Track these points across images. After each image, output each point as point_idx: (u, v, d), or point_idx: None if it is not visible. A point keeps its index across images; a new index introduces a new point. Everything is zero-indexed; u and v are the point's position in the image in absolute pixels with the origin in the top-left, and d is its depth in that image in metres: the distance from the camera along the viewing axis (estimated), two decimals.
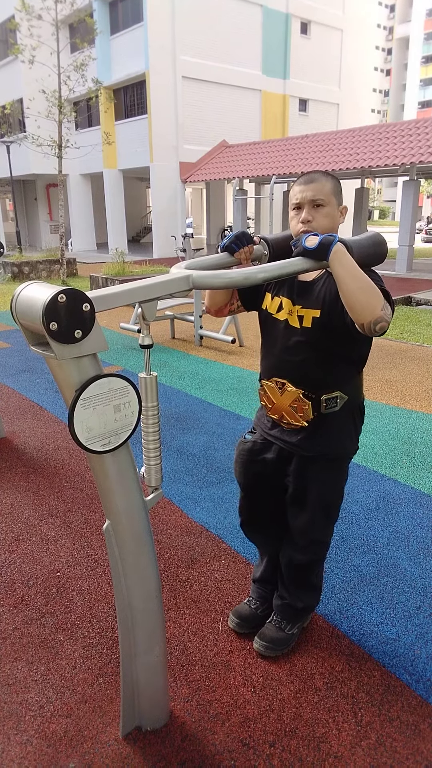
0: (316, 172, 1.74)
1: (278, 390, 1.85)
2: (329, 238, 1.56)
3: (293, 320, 1.79)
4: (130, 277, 10.20)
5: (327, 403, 1.79)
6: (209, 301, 1.91)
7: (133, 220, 26.61)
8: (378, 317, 1.53)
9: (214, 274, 1.50)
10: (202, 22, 18.94)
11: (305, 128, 22.31)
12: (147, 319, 1.45)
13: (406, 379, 5.34)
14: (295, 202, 1.74)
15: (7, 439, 4.09)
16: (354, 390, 1.85)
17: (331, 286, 1.71)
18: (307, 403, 1.79)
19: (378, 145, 14.93)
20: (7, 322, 8.60)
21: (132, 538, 1.54)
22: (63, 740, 1.72)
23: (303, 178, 1.74)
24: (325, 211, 1.71)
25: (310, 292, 1.77)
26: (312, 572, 2.03)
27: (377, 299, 1.54)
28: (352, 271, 1.54)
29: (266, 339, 1.92)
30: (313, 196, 1.70)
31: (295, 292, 1.79)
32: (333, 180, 1.74)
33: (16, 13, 13.88)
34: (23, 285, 1.32)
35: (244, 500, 2.08)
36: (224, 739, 1.71)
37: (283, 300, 1.82)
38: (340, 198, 1.76)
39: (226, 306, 1.93)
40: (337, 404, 1.81)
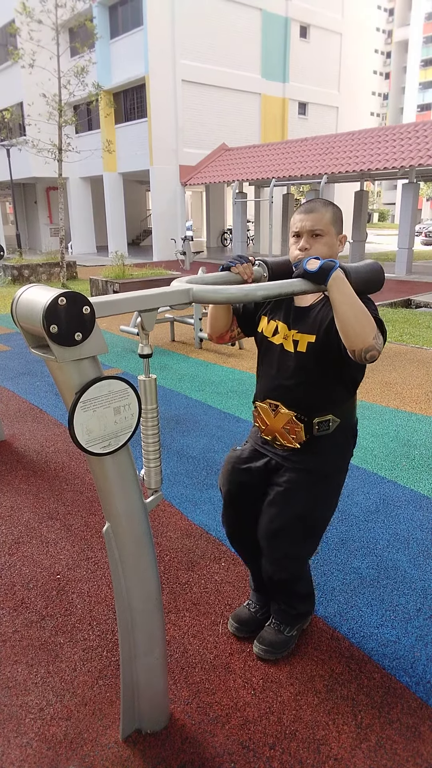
0: (317, 201, 1.77)
1: (272, 412, 1.88)
2: (330, 264, 1.58)
3: (288, 344, 1.82)
4: (129, 280, 10.20)
5: (320, 426, 1.82)
6: (210, 327, 1.95)
7: (133, 223, 26.66)
8: (369, 346, 1.56)
9: (214, 289, 1.52)
10: (202, 25, 19.00)
11: (305, 131, 22.37)
12: (146, 329, 1.46)
13: (406, 382, 5.35)
14: (294, 230, 1.78)
15: (8, 442, 4.09)
16: (347, 413, 1.88)
17: (327, 312, 1.75)
18: (300, 425, 1.82)
19: (377, 148, 14.96)
20: (8, 325, 8.61)
21: (132, 540, 1.54)
22: (63, 743, 1.72)
23: (303, 206, 1.78)
24: (323, 241, 1.75)
25: (306, 317, 1.80)
26: (295, 585, 1.99)
27: (371, 328, 1.57)
28: (350, 298, 1.57)
29: (262, 361, 1.95)
30: (312, 226, 1.74)
31: (291, 317, 1.83)
32: (333, 209, 1.77)
33: (16, 17, 13.93)
34: (23, 288, 1.32)
35: (226, 510, 2.03)
36: (224, 741, 1.71)
37: (278, 324, 1.86)
38: (339, 227, 1.79)
39: (227, 332, 1.96)
40: (329, 427, 1.83)
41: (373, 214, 49.27)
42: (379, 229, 41.48)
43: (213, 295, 1.51)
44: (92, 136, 20.78)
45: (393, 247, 20.78)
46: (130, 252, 21.51)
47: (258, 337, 1.95)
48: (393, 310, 9.45)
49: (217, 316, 1.90)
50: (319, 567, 2.55)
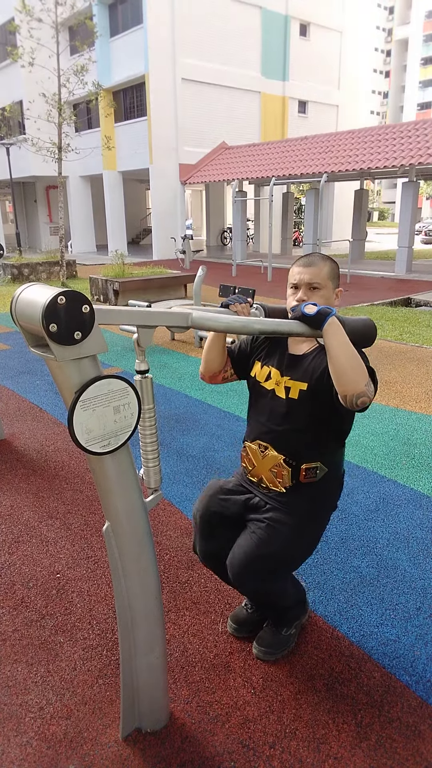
0: (316, 256, 1.81)
1: (260, 453, 1.90)
2: (327, 310, 1.64)
3: (280, 391, 1.85)
4: (129, 278, 10.19)
5: (306, 473, 1.83)
6: (204, 367, 1.97)
7: (133, 222, 26.64)
8: (361, 392, 1.59)
9: (213, 317, 1.54)
10: (202, 24, 18.98)
11: (305, 130, 22.35)
12: (141, 345, 1.47)
13: (406, 381, 5.35)
14: (293, 282, 1.82)
15: (7, 440, 4.09)
16: (334, 463, 1.90)
17: (320, 361, 1.78)
18: (287, 469, 1.84)
19: (377, 147, 14.95)
20: (7, 323, 8.61)
21: (132, 539, 1.54)
22: (63, 742, 1.72)
23: (303, 259, 1.82)
24: (320, 294, 1.78)
25: (299, 365, 1.84)
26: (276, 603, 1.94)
27: (363, 375, 1.60)
28: (344, 344, 1.61)
29: (253, 404, 1.97)
30: (309, 280, 1.78)
31: (285, 364, 1.87)
32: (331, 264, 1.82)
33: (16, 15, 13.91)
34: (23, 287, 1.32)
35: (198, 538, 1.99)
36: (224, 740, 1.71)
37: (271, 370, 1.89)
38: (336, 282, 1.84)
39: (220, 373, 1.98)
40: (316, 475, 1.85)
41: (373, 213, 49.25)
42: (379, 227, 41.46)
43: (212, 323, 1.54)
44: (92, 134, 20.76)
45: (393, 245, 20.78)
46: (130, 251, 21.50)
47: (250, 381, 1.98)
48: (393, 309, 9.45)
49: (212, 355, 1.93)
50: (318, 566, 2.55)
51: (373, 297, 10.78)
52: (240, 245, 17.75)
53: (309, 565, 2.54)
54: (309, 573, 2.49)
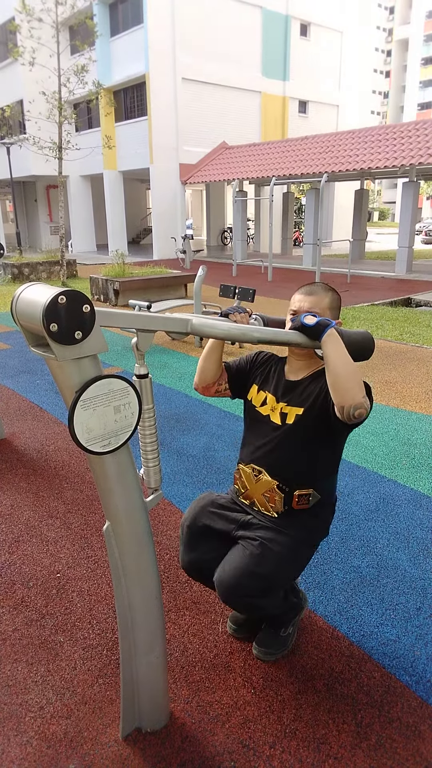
0: (318, 286, 1.83)
1: (254, 477, 1.90)
2: (326, 321, 1.66)
3: (275, 417, 1.87)
4: (130, 278, 10.19)
5: (299, 499, 1.84)
6: (198, 376, 1.96)
7: (133, 222, 26.64)
8: (359, 403, 1.60)
9: (213, 324, 1.55)
10: (202, 23, 18.97)
11: (305, 130, 22.34)
12: (141, 349, 1.48)
13: (406, 381, 5.35)
14: (293, 309, 1.84)
15: (8, 440, 4.09)
16: (327, 490, 1.91)
17: (316, 386, 1.81)
18: (280, 495, 1.85)
19: (378, 147, 14.95)
20: (8, 323, 8.61)
21: (132, 539, 1.54)
22: (63, 741, 1.72)
23: (305, 288, 1.83)
24: None
25: (295, 390, 1.86)
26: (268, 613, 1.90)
27: (360, 387, 1.62)
28: (342, 355, 1.63)
29: (248, 428, 1.98)
30: (309, 308, 1.80)
31: (281, 390, 1.88)
32: (332, 295, 1.84)
33: (16, 15, 13.90)
34: (23, 286, 1.32)
35: (184, 549, 1.96)
36: (224, 740, 1.71)
37: (268, 396, 1.91)
38: (336, 312, 1.85)
39: (213, 385, 1.98)
40: (308, 502, 1.86)
41: (373, 213, 49.23)
42: (380, 227, 41.45)
43: (211, 330, 1.55)
44: (92, 134, 20.75)
45: (393, 245, 20.77)
46: (130, 250, 21.50)
47: (246, 405, 1.99)
48: (393, 309, 9.45)
49: (208, 364, 1.93)
50: (318, 565, 2.55)
51: (374, 297, 10.78)
52: (240, 245, 17.75)
53: (309, 565, 2.54)
54: (309, 573, 2.49)
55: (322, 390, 1.77)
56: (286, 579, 1.86)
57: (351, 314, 8.88)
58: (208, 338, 1.76)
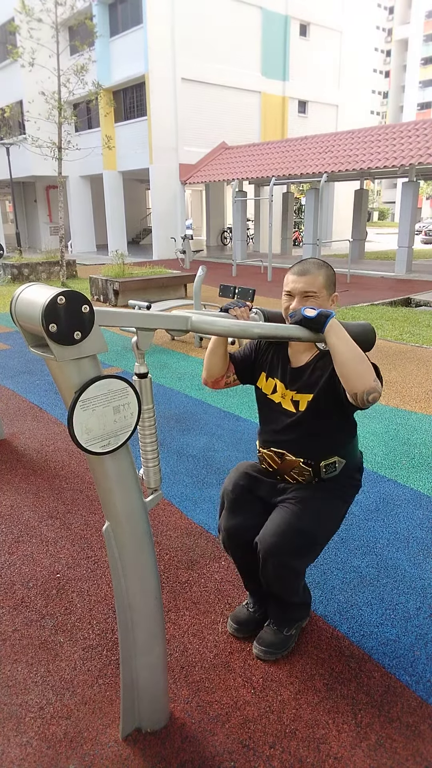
0: (311, 263, 1.80)
1: (278, 459, 1.95)
2: (327, 312, 1.65)
3: (287, 403, 1.90)
4: (129, 278, 10.19)
5: (327, 469, 1.90)
6: (206, 372, 1.98)
7: (133, 222, 26.64)
8: (371, 387, 1.61)
9: (212, 320, 1.55)
10: (202, 24, 18.97)
11: (305, 130, 22.35)
12: (141, 348, 1.48)
13: (406, 381, 5.35)
14: (287, 290, 1.82)
15: (7, 440, 4.09)
16: (351, 453, 1.96)
17: (323, 369, 1.82)
18: (308, 470, 1.90)
19: (377, 147, 14.95)
20: (7, 323, 8.61)
21: (132, 539, 1.54)
22: (63, 742, 1.72)
23: (297, 267, 1.81)
24: (315, 302, 1.79)
25: (302, 377, 1.88)
26: (290, 596, 1.95)
27: (370, 370, 1.62)
28: (348, 343, 1.63)
29: (262, 415, 2.01)
30: (303, 289, 1.78)
31: (288, 378, 1.90)
32: (326, 272, 1.81)
33: (16, 16, 13.90)
34: (23, 287, 1.32)
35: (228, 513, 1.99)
36: (224, 740, 1.71)
37: (276, 383, 1.93)
38: (332, 289, 1.84)
39: (222, 378, 1.99)
40: (336, 469, 1.92)
41: (373, 213, 49.23)
42: (379, 227, 41.45)
43: (211, 327, 1.54)
44: (92, 134, 20.76)
45: (393, 245, 20.78)
46: (130, 251, 21.50)
47: (257, 391, 2.02)
48: (393, 309, 9.45)
49: (214, 360, 1.94)
50: (318, 566, 2.55)
51: (373, 297, 10.78)
52: (240, 245, 17.75)
53: (309, 565, 2.54)
54: (309, 573, 2.49)
55: (330, 373, 1.78)
56: (324, 534, 1.90)
57: (351, 314, 8.88)
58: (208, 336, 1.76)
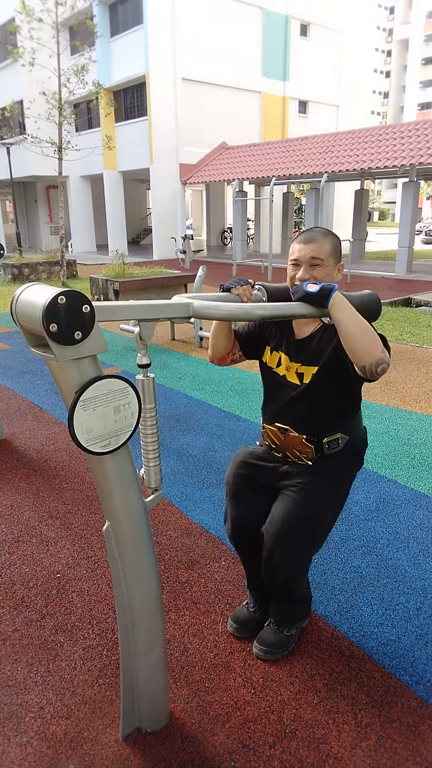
0: (317, 231, 1.79)
1: (281, 434, 1.93)
2: (329, 286, 1.63)
3: (291, 376, 1.88)
4: (130, 278, 10.19)
5: (329, 445, 1.88)
6: (212, 350, 1.98)
7: (133, 222, 26.64)
8: (379, 359, 1.59)
9: (214, 305, 1.54)
10: (202, 24, 18.97)
11: (305, 130, 22.34)
12: (144, 339, 1.48)
13: (406, 381, 5.35)
14: (293, 258, 1.80)
15: (8, 440, 4.09)
16: (354, 429, 1.94)
17: (327, 342, 1.81)
18: (310, 446, 1.88)
19: (378, 147, 14.95)
20: (7, 323, 8.61)
21: (132, 539, 1.54)
22: (63, 742, 1.72)
23: (304, 235, 1.80)
24: (322, 270, 1.77)
25: (306, 349, 1.86)
26: (293, 589, 1.97)
27: (377, 342, 1.61)
28: (353, 316, 1.61)
29: (267, 389, 2.00)
30: (311, 256, 1.76)
31: (293, 350, 1.88)
32: (333, 240, 1.80)
33: (16, 16, 13.91)
34: (23, 287, 1.32)
35: (230, 504, 2.02)
36: (224, 740, 1.71)
37: (281, 356, 1.91)
38: (338, 257, 1.82)
39: (228, 355, 1.99)
40: (339, 445, 1.90)
41: (373, 213, 49.22)
42: (380, 227, 41.44)
43: (213, 312, 1.53)
44: (92, 134, 20.76)
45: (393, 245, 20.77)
46: (130, 251, 21.50)
47: (262, 366, 2.01)
48: (393, 309, 9.45)
49: (219, 338, 1.94)
50: (318, 566, 2.55)
51: None
52: (240, 245, 17.75)
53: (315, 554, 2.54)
54: (309, 573, 2.48)
55: (336, 346, 1.76)
56: (328, 518, 1.90)
57: None
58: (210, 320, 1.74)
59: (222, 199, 23.84)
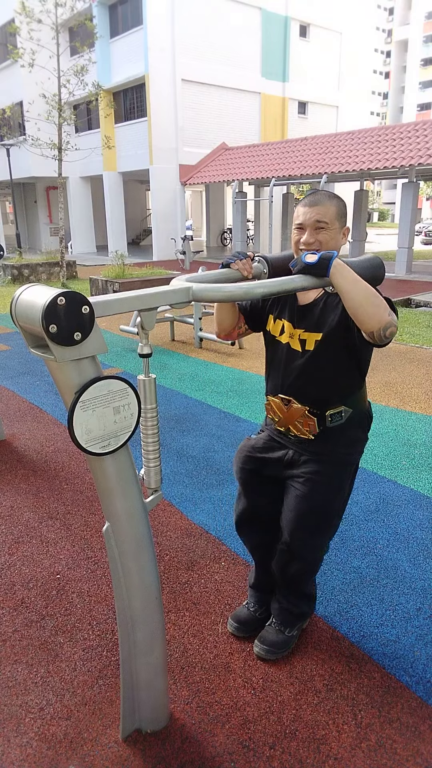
0: (322, 194, 1.76)
1: (284, 406, 1.90)
2: (328, 254, 1.59)
3: (294, 343, 1.84)
4: (129, 279, 10.20)
5: (332, 418, 1.85)
6: (218, 326, 1.97)
7: (133, 223, 26.64)
8: (387, 322, 1.57)
9: (214, 287, 1.52)
10: (202, 25, 18.98)
11: (304, 131, 22.34)
12: (146, 329, 1.46)
13: (406, 381, 5.35)
14: (298, 222, 1.77)
15: (7, 441, 4.09)
16: (358, 402, 1.90)
17: (331, 309, 1.77)
18: (313, 419, 1.85)
19: (377, 148, 14.95)
20: (7, 324, 8.61)
21: (132, 540, 1.54)
22: (63, 742, 1.72)
23: (308, 198, 1.77)
24: (327, 234, 1.74)
25: (310, 315, 1.82)
26: (304, 583, 2.01)
27: (383, 306, 1.58)
28: (355, 282, 1.57)
29: (270, 359, 1.97)
30: (316, 219, 1.73)
31: (296, 316, 1.85)
32: (338, 203, 1.76)
33: (16, 17, 13.92)
34: (23, 288, 1.32)
35: (240, 497, 2.08)
36: (224, 741, 1.71)
37: (284, 323, 1.88)
38: (343, 221, 1.78)
39: (234, 329, 1.98)
40: (342, 417, 1.86)
41: (373, 214, 49.25)
42: (379, 228, 41.45)
43: (213, 294, 1.51)
44: (92, 135, 20.77)
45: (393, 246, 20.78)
46: (130, 251, 21.50)
47: (265, 336, 1.97)
48: None
49: (223, 314, 1.92)
50: None
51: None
52: (240, 246, 17.75)
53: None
54: None
55: (341, 313, 1.72)
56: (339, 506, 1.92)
57: None
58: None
59: (222, 200, 23.85)
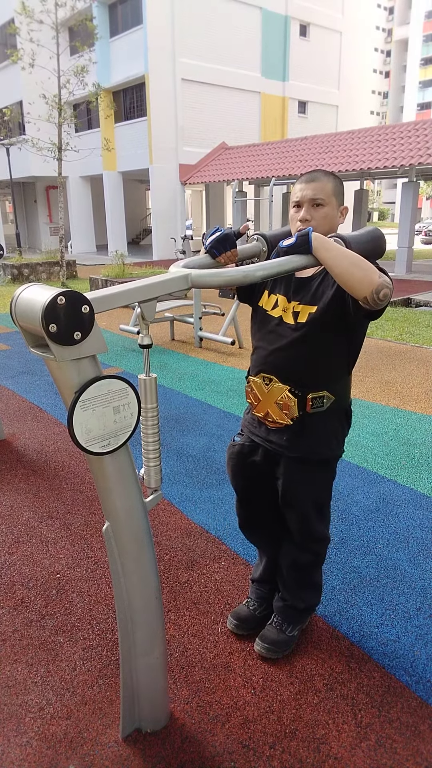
0: (319, 171, 1.75)
1: (265, 386, 1.85)
2: (303, 231, 1.57)
3: (287, 317, 1.79)
4: (129, 279, 10.20)
5: (313, 402, 1.79)
6: None
7: (133, 222, 26.64)
8: (378, 285, 1.53)
9: (213, 273, 1.51)
10: (202, 24, 18.98)
11: (304, 130, 22.35)
12: (146, 319, 1.45)
13: (406, 381, 5.35)
14: (295, 200, 1.75)
15: (7, 441, 4.09)
16: (342, 391, 1.85)
17: (328, 282, 1.73)
18: (293, 399, 1.79)
19: (377, 147, 14.95)
20: (7, 324, 8.61)
21: (132, 539, 1.54)
22: (63, 742, 1.72)
23: (305, 176, 1.75)
24: (324, 211, 1.72)
25: (307, 288, 1.78)
26: (314, 571, 2.05)
27: (372, 269, 1.54)
28: (338, 250, 1.55)
29: (257, 335, 1.91)
30: (313, 195, 1.71)
31: (292, 289, 1.81)
32: (335, 180, 1.74)
33: (16, 17, 13.92)
34: (23, 287, 1.32)
35: (239, 503, 2.11)
36: (224, 740, 1.71)
37: (278, 297, 1.84)
38: (341, 198, 1.76)
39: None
40: (323, 404, 1.80)
41: (373, 213, 49.23)
42: (379, 227, 41.41)
43: (212, 279, 1.51)
44: (92, 135, 20.76)
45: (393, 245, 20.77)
46: (130, 251, 21.51)
47: (257, 311, 1.92)
48: (393, 309, 9.45)
49: None
50: None
51: None
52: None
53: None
54: None
55: (337, 288, 1.69)
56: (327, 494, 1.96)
57: None
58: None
59: (222, 200, 23.84)
